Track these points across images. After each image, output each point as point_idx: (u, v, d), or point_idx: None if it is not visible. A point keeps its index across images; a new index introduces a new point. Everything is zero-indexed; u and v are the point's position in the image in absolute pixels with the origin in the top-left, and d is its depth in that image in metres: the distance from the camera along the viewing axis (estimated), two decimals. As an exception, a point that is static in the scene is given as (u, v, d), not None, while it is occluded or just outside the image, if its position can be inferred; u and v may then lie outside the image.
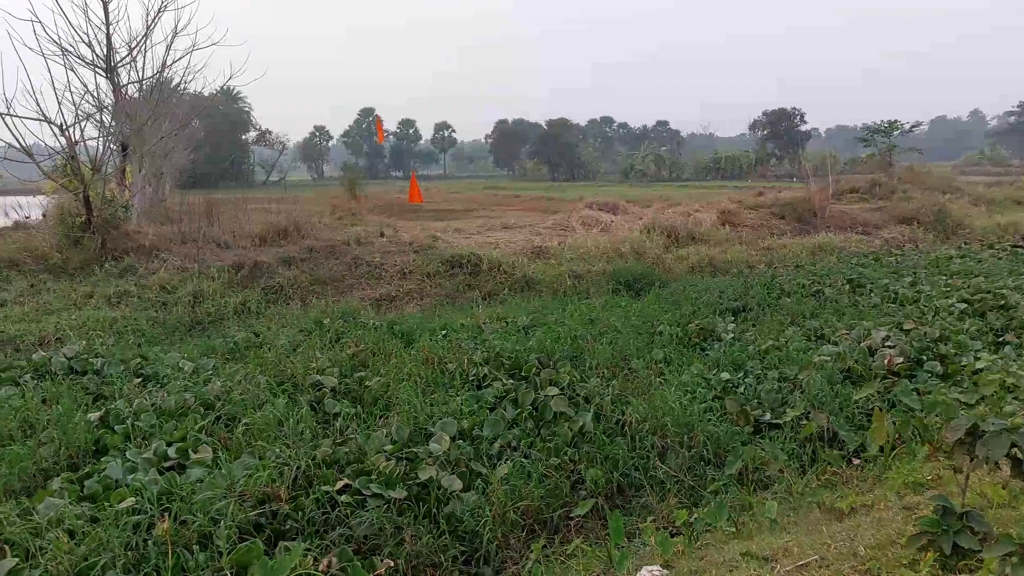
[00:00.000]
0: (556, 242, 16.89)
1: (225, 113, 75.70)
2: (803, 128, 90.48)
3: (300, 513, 4.13)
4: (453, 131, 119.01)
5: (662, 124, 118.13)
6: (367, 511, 4.11)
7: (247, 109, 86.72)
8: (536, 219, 23.98)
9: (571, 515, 4.37)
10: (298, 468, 4.55)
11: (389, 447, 5.03)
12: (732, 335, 8.13)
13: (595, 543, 3.93)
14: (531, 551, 3.84)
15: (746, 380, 6.44)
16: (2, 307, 10.79)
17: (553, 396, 5.91)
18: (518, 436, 5.33)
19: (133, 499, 4.13)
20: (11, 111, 12.79)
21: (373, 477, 4.48)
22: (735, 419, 5.53)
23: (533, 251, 15.50)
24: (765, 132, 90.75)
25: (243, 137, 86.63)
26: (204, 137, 42.43)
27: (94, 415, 5.84)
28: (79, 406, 6.12)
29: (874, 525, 3.39)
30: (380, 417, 5.94)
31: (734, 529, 3.55)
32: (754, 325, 8.79)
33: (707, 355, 7.46)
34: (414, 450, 5.00)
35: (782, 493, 4.32)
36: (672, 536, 3.59)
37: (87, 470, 4.91)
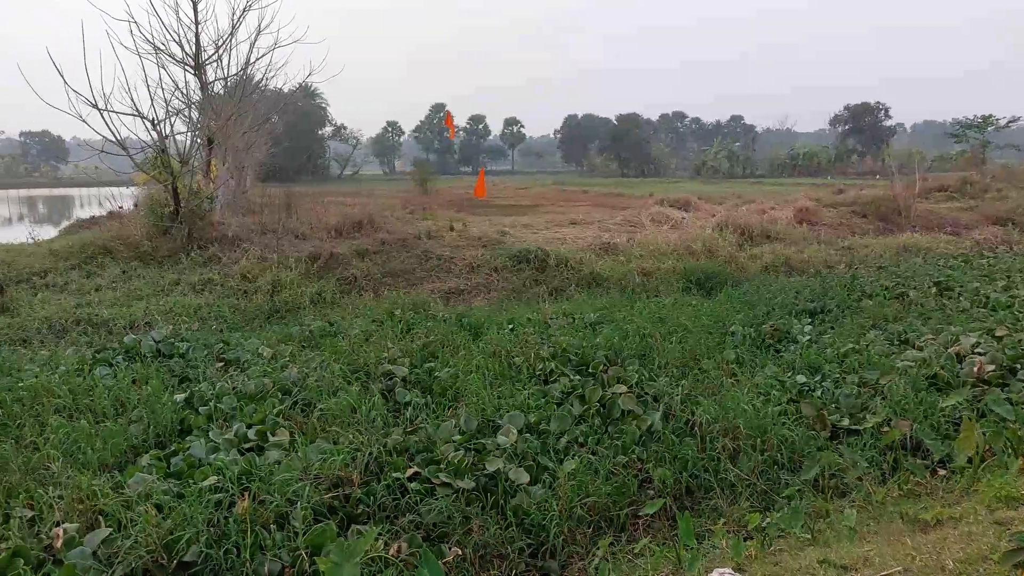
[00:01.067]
0: (625, 238, 16.72)
1: (303, 109, 78.01)
2: (888, 123, 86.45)
3: (372, 498, 4.24)
4: (522, 126, 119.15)
5: (736, 119, 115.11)
6: (436, 499, 4.18)
7: (324, 105, 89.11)
8: (604, 215, 23.77)
9: (639, 514, 4.33)
10: (370, 454, 4.67)
11: (458, 437, 5.11)
12: (809, 337, 7.87)
13: (663, 543, 3.89)
14: (598, 548, 3.83)
15: (823, 384, 6.22)
16: (97, 292, 11.49)
17: (621, 394, 5.86)
18: (585, 432, 5.31)
19: (215, 478, 4.32)
20: (109, 107, 13.57)
21: (442, 466, 4.56)
22: (811, 423, 5.35)
23: (601, 247, 15.39)
24: (846, 127, 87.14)
25: (319, 132, 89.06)
26: (283, 132, 43.95)
27: (180, 396, 6.14)
28: (166, 387, 6.45)
29: (963, 539, 3.22)
30: (448, 408, 6.03)
31: (810, 536, 3.44)
32: (832, 327, 8.48)
33: (782, 357, 7.24)
34: (482, 441, 5.06)
35: (860, 502, 4.16)
36: (744, 540, 3.51)
37: (173, 448, 5.17)
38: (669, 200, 24.31)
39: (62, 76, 12.97)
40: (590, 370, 6.77)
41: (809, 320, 8.85)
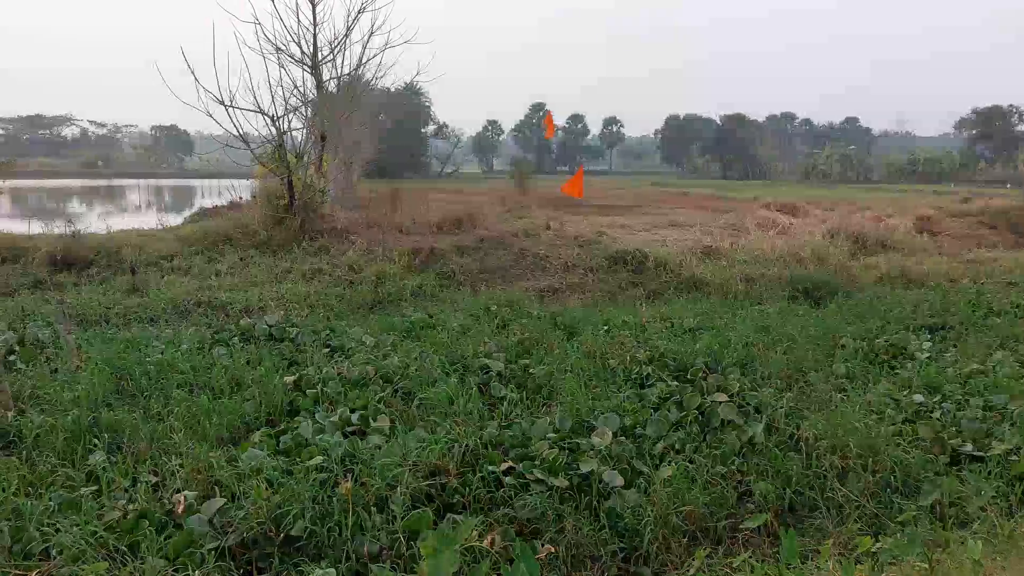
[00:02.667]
0: (728, 243, 16.21)
1: (408, 108, 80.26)
2: (1022, 128, 79.52)
3: (467, 489, 4.32)
4: (621, 126, 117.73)
5: (850, 121, 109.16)
6: (530, 495, 4.20)
7: (427, 104, 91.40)
8: (706, 218, 23.14)
9: (738, 527, 4.19)
10: (466, 446, 4.75)
11: (552, 435, 5.12)
12: (927, 355, 7.36)
13: (763, 560, 3.74)
14: (693, 558, 3.73)
15: (943, 405, 5.80)
16: (217, 276, 12.28)
17: (721, 402, 5.70)
18: (682, 439, 5.20)
19: (321, 458, 4.52)
20: (234, 103, 14.48)
21: (536, 463, 4.58)
22: (929, 447, 5.00)
23: (702, 251, 14.99)
24: (974, 132, 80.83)
25: (422, 130, 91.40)
26: (389, 130, 45.42)
27: (289, 379, 6.45)
28: (277, 369, 6.80)
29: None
30: (543, 405, 6.06)
31: (927, 565, 3.22)
32: (955, 345, 7.90)
33: (897, 374, 6.82)
34: (576, 441, 5.05)
35: (984, 533, 3.85)
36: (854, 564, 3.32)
37: (282, 427, 5.46)
38: (776, 204, 23.38)
39: (194, 74, 13.97)
40: (688, 376, 6.62)
41: (928, 336, 8.28)
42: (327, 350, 7.80)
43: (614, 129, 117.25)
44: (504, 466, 4.54)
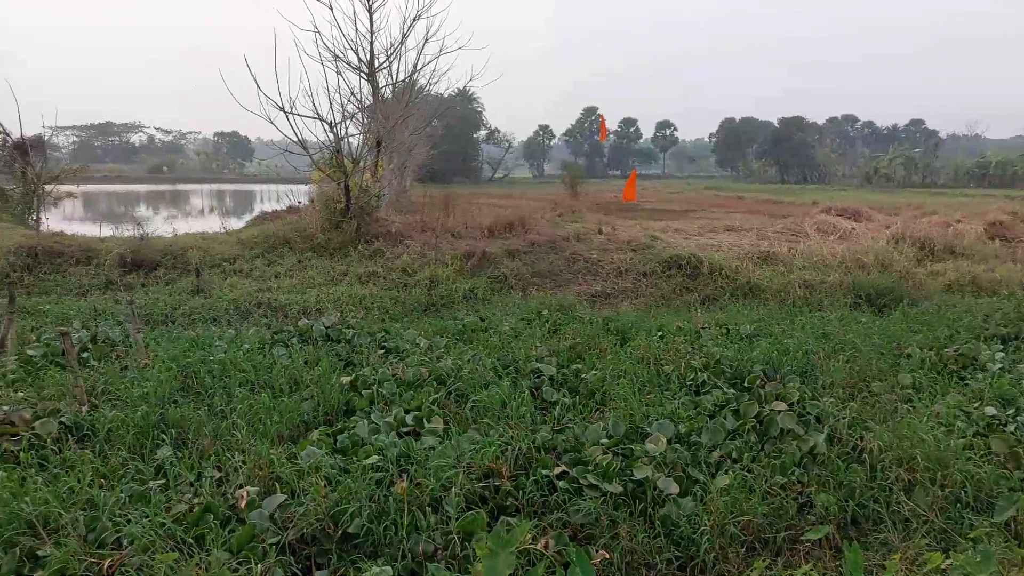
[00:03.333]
0: (786, 248, 15.82)
1: (461, 113, 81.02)
2: (1105, 128, 75.22)
3: (520, 492, 4.32)
4: (675, 129, 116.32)
5: (916, 123, 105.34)
6: (584, 500, 4.18)
7: (479, 109, 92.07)
8: (763, 223, 22.64)
9: (797, 539, 4.08)
10: (519, 449, 4.76)
11: (605, 441, 5.09)
12: (1000, 365, 7.03)
13: (824, 573, 3.64)
14: (752, 569, 3.65)
15: (1018, 418, 5.53)
16: (276, 278, 12.63)
17: (780, 411, 5.55)
18: (739, 448, 5.09)
19: (377, 457, 4.60)
20: (294, 110, 14.87)
21: (590, 468, 4.56)
22: (1003, 461, 4.78)
23: (759, 256, 14.67)
24: (1052, 133, 76.80)
25: (474, 135, 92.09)
26: (442, 135, 45.89)
27: (346, 379, 6.58)
28: (334, 370, 6.94)
29: None
30: (595, 410, 6.02)
31: (1002, 586, 3.08)
32: (1030, 356, 7.52)
33: (967, 386, 6.53)
34: (630, 447, 5.00)
35: (1064, 555, 3.65)
36: (921, 581, 3.20)
37: (339, 426, 5.57)
38: (836, 209, 22.66)
39: (256, 82, 14.40)
40: (745, 384, 6.49)
41: (1000, 347, 7.91)
42: (382, 351, 7.93)
43: (667, 133, 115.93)
44: (557, 470, 4.53)
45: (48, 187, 19.50)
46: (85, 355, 7.43)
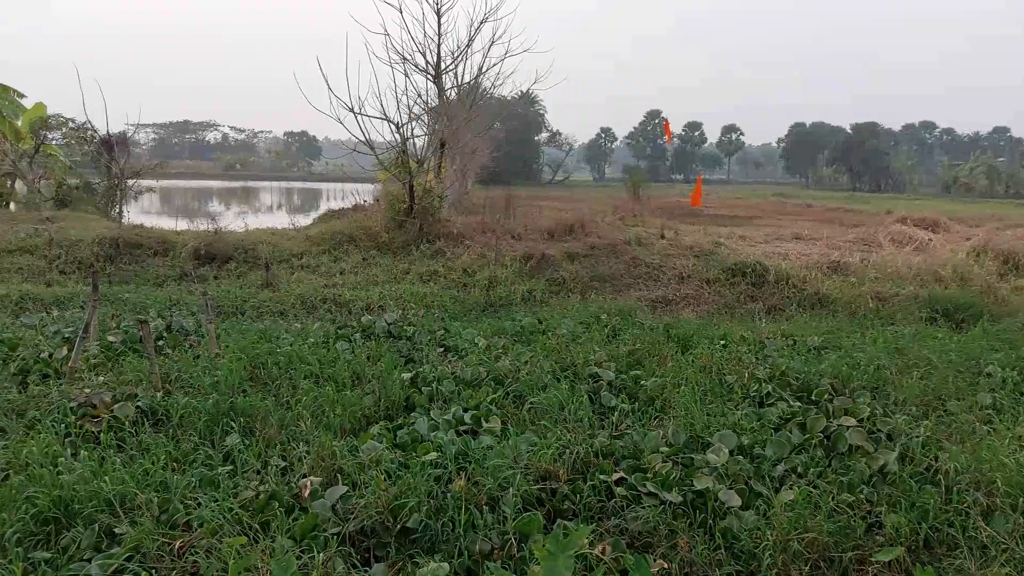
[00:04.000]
0: (857, 258, 15.26)
1: (523, 116, 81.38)
2: None
3: (577, 496, 4.30)
4: (741, 134, 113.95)
5: (1000, 131, 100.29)
6: (642, 508, 4.12)
7: (541, 111, 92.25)
8: (833, 232, 21.91)
9: (865, 560, 3.92)
10: (577, 453, 4.74)
11: (664, 449, 5.00)
12: (1092, 388, 6.61)
13: (895, 598, 3.49)
14: (817, 589, 3.53)
15: (1111, 446, 5.18)
16: (341, 275, 12.93)
17: (849, 427, 5.36)
18: (805, 463, 4.93)
19: (435, 454, 4.64)
20: (363, 111, 15.21)
21: (649, 475, 4.49)
22: (1094, 491, 4.48)
23: (829, 266, 14.19)
24: None
25: (536, 138, 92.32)
26: (504, 137, 46.17)
27: (406, 375, 6.68)
28: (395, 366, 7.06)
29: None
30: (655, 418, 5.93)
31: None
32: None
33: (1054, 408, 6.16)
34: (690, 456, 4.91)
35: None
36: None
37: (399, 422, 5.65)
38: (913, 219, 21.75)
39: (327, 83, 14.81)
40: (812, 398, 6.29)
41: (1093, 368, 7.43)
42: (441, 349, 8.02)
43: (733, 137, 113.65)
44: (615, 476, 4.49)
45: (130, 182, 20.48)
46: (160, 343, 7.77)
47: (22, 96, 22.99)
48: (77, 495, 4.08)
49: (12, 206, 22.77)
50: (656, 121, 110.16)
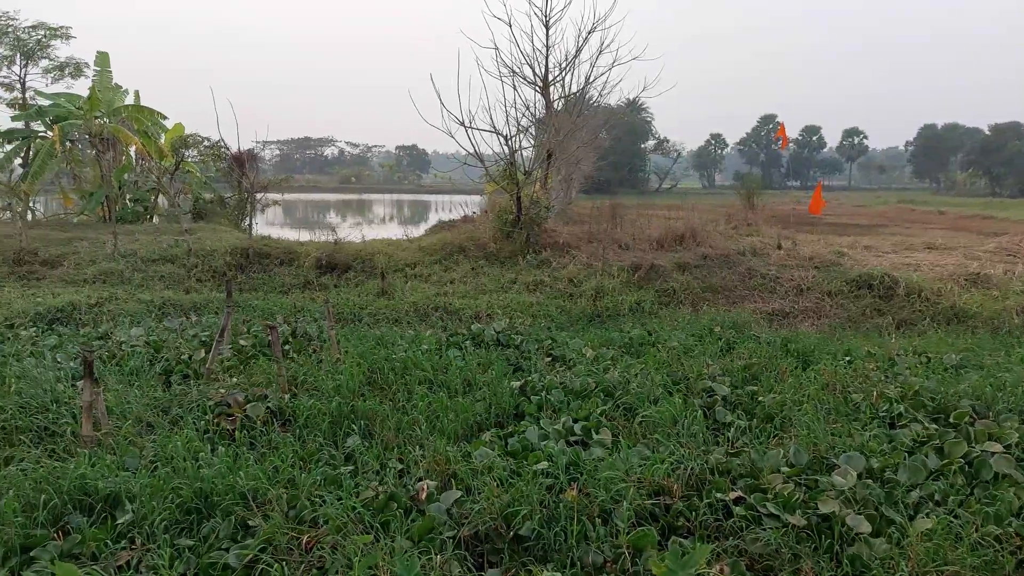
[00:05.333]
0: (1000, 269, 14.00)
1: (629, 124, 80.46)
2: None
3: (693, 513, 4.18)
4: (864, 137, 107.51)
5: None
6: (763, 529, 3.96)
7: (648, 119, 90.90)
8: (970, 240, 20.23)
9: (1018, 601, 3.58)
10: (691, 469, 4.61)
11: (785, 469, 4.78)
12: None
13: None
14: (960, 627, 3.26)
15: None
16: (452, 284, 13.28)
17: (995, 454, 4.91)
18: (943, 491, 4.56)
19: (546, 463, 4.66)
20: (473, 124, 15.59)
21: (769, 496, 4.31)
22: None
23: (967, 278, 13.10)
24: None
25: (642, 146, 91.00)
26: (609, 146, 45.80)
27: (515, 384, 6.75)
28: (504, 374, 7.15)
29: None
30: (773, 436, 5.68)
31: None
32: None
33: None
34: (813, 478, 4.66)
35: None
36: None
37: (509, 430, 5.71)
38: (1065, 226, 19.73)
39: (440, 99, 15.30)
40: (951, 420, 5.81)
41: None
42: (549, 359, 8.05)
43: (855, 141, 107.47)
44: (733, 495, 4.33)
45: (258, 195, 21.94)
46: (286, 347, 8.24)
47: (164, 117, 25.18)
48: (216, 488, 4.38)
49: (155, 219, 24.91)
50: (770, 126, 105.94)
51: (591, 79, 19.60)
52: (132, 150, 23.66)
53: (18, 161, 25.94)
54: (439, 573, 3.50)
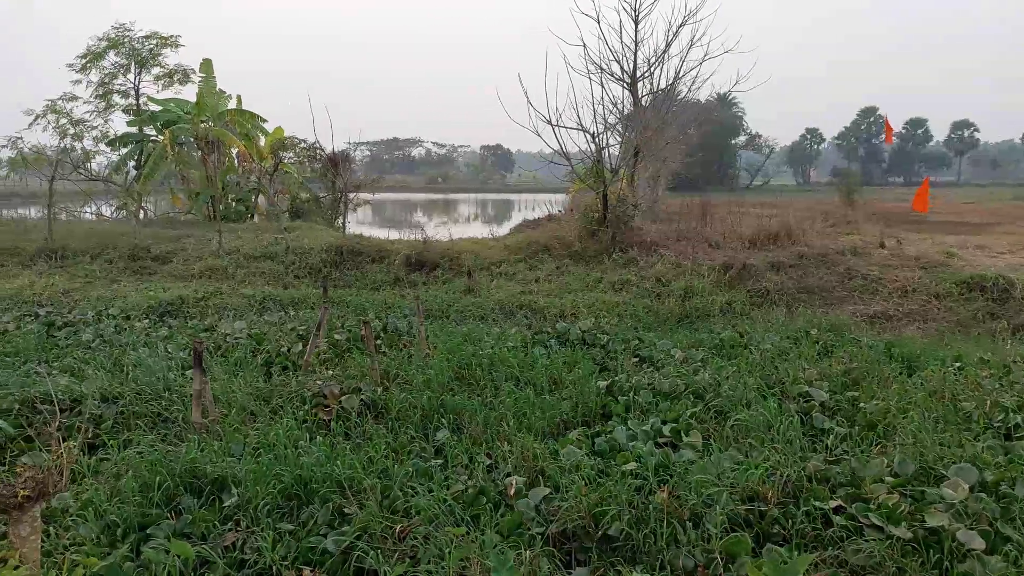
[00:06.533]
0: None
1: (719, 119, 78.19)
2: None
3: (789, 521, 4.05)
4: (976, 130, 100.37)
5: None
6: (865, 540, 3.78)
7: (740, 114, 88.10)
8: (1099, 240, 18.55)
9: None
10: (787, 476, 4.46)
11: (889, 479, 4.54)
12: None
13: None
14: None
15: None
16: (536, 282, 13.34)
17: None
18: (1068, 509, 4.22)
19: (635, 464, 4.62)
20: (560, 122, 15.59)
21: (871, 506, 4.11)
22: None
23: (1095, 280, 12.05)
24: None
25: (732, 141, 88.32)
26: (698, 142, 44.71)
27: (602, 384, 6.72)
28: (590, 373, 7.12)
29: None
30: (876, 444, 5.41)
31: None
32: None
33: None
34: (920, 489, 4.41)
35: None
36: None
37: (597, 429, 5.69)
38: None
39: (527, 98, 15.37)
40: (1077, 433, 5.37)
41: None
42: (636, 359, 7.96)
43: (965, 134, 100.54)
44: (833, 504, 4.16)
45: (351, 195, 22.72)
46: (378, 342, 8.51)
47: (264, 120, 26.48)
48: (314, 476, 4.58)
49: (256, 218, 26.23)
50: (870, 120, 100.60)
51: (680, 74, 19.21)
52: (234, 152, 24.99)
53: (132, 164, 27.94)
54: (528, 569, 3.53)
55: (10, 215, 26.96)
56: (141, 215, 25.55)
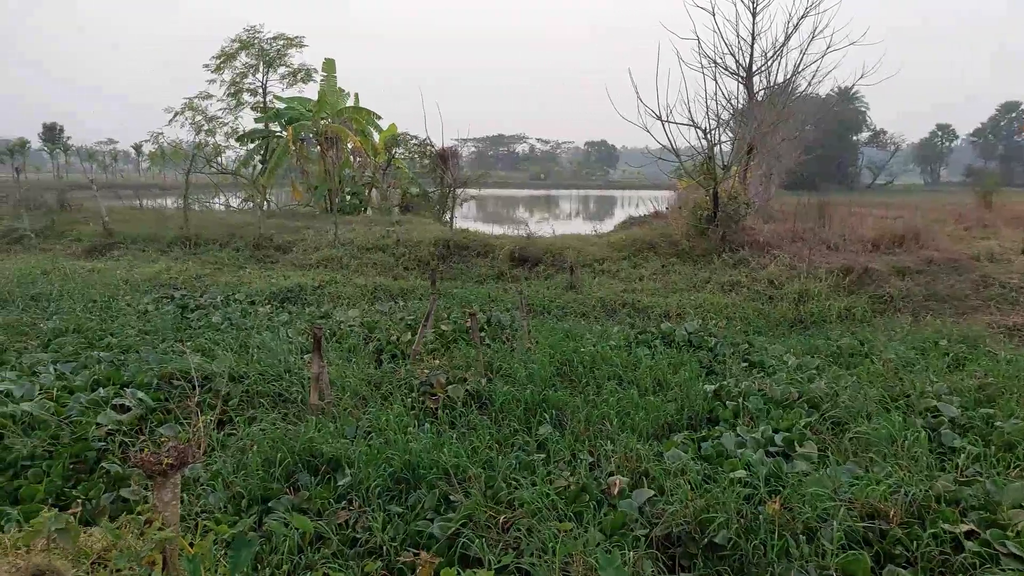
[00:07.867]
0: None
1: (840, 115, 73.90)
2: None
3: (914, 543, 3.79)
4: None
5: None
6: (1001, 569, 3.49)
7: (863, 109, 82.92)
8: None
9: None
10: (912, 495, 4.17)
11: (1030, 506, 4.16)
12: None
13: None
14: None
15: None
16: (640, 281, 13.12)
17: None
18: None
19: (744, 472, 4.46)
20: (670, 118, 15.24)
21: (1010, 533, 3.78)
22: None
23: None
24: None
25: (854, 138, 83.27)
26: (815, 139, 42.42)
27: (709, 387, 6.52)
28: (697, 376, 6.94)
29: None
30: (1014, 466, 4.97)
31: None
32: None
33: None
34: (1070, 520, 4.01)
35: None
36: None
37: (703, 434, 5.54)
38: None
39: (637, 94, 15.14)
40: None
41: None
42: (745, 364, 7.69)
43: None
44: (964, 528, 3.86)
45: (458, 190, 23.19)
46: (482, 335, 8.65)
47: (379, 117, 27.47)
48: (422, 461, 4.72)
49: (369, 211, 27.29)
50: (1012, 115, 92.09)
51: (800, 67, 18.34)
52: (349, 147, 26.08)
53: (258, 158, 29.77)
54: (632, 570, 3.49)
55: (150, 205, 29.44)
56: (265, 207, 27.17)
